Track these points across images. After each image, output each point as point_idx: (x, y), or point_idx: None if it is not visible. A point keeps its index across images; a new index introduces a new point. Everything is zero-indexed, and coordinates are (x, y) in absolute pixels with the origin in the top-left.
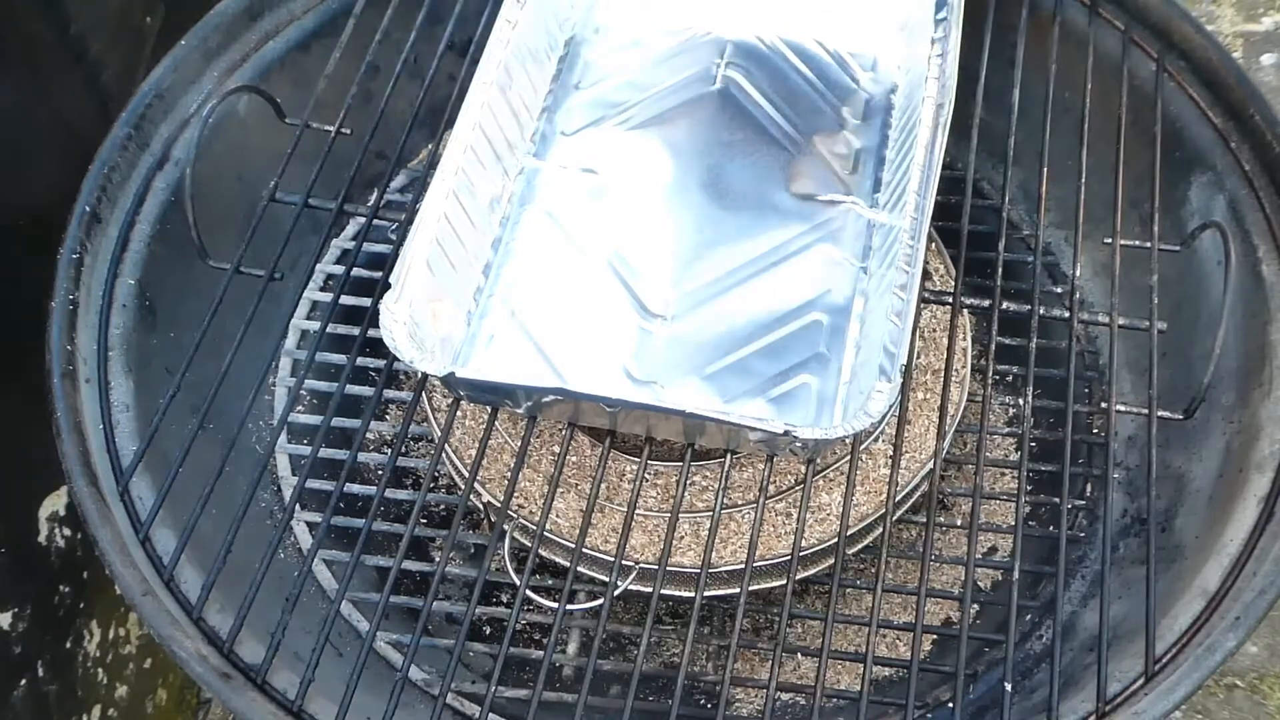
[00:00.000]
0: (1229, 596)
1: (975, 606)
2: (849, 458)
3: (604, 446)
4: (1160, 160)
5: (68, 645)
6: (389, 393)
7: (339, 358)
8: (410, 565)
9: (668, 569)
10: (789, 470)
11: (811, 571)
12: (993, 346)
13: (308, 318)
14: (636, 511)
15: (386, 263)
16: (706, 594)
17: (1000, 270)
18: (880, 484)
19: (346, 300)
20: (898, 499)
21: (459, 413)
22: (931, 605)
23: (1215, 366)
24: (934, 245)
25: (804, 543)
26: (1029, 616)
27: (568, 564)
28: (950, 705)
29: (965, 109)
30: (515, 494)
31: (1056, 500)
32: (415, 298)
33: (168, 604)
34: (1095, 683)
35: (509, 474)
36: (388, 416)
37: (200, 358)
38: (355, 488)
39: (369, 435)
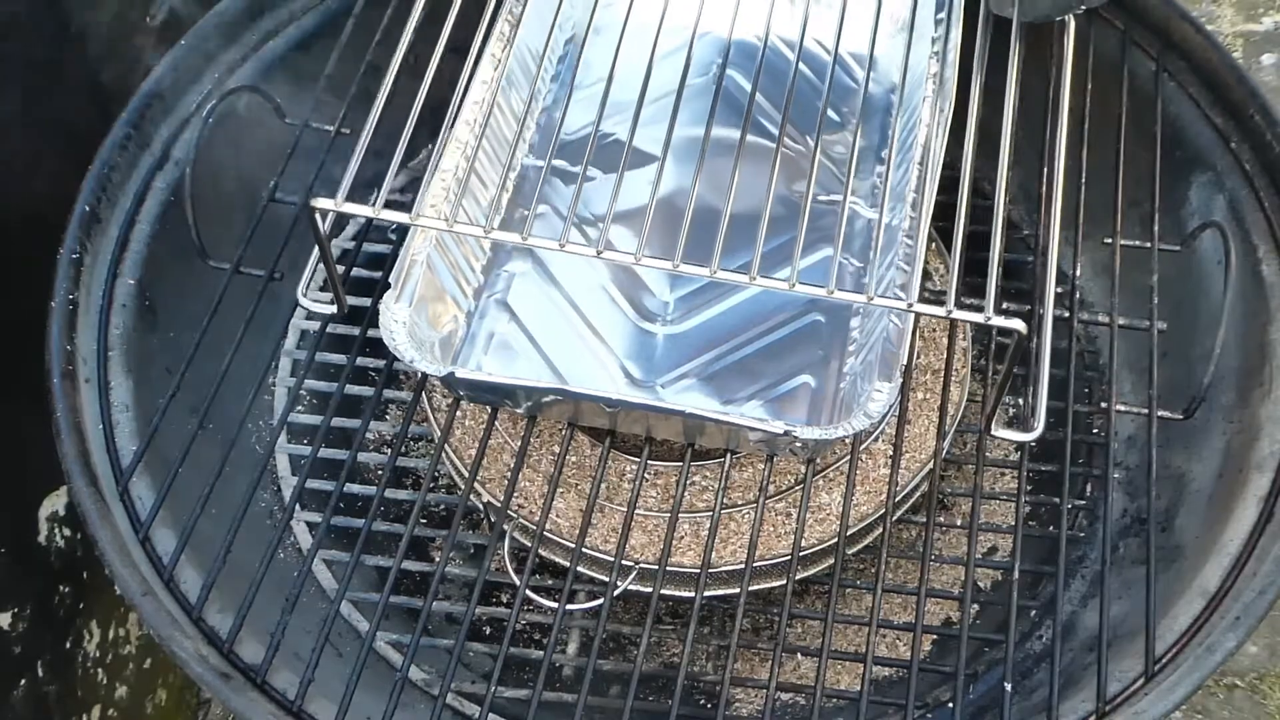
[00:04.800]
0: (1229, 596)
1: (975, 606)
2: (849, 458)
3: (604, 446)
4: (1160, 160)
5: (68, 645)
6: (389, 393)
7: (339, 357)
8: (410, 565)
9: (668, 569)
10: (789, 470)
11: (811, 571)
12: (993, 346)
13: (308, 318)
14: (636, 511)
15: (386, 263)
16: (706, 594)
17: (1000, 270)
18: (880, 484)
19: (347, 300)
20: (898, 499)
21: (459, 413)
22: (931, 605)
23: (1215, 366)
24: (934, 245)
25: (804, 543)
26: (1031, 615)
27: (568, 564)
28: (950, 705)
29: (965, 109)
30: (515, 494)
31: (1056, 500)
32: (415, 298)
33: (168, 604)
34: (1095, 683)
35: (509, 474)
36: (388, 416)
37: (200, 358)
38: (355, 488)
39: (369, 435)
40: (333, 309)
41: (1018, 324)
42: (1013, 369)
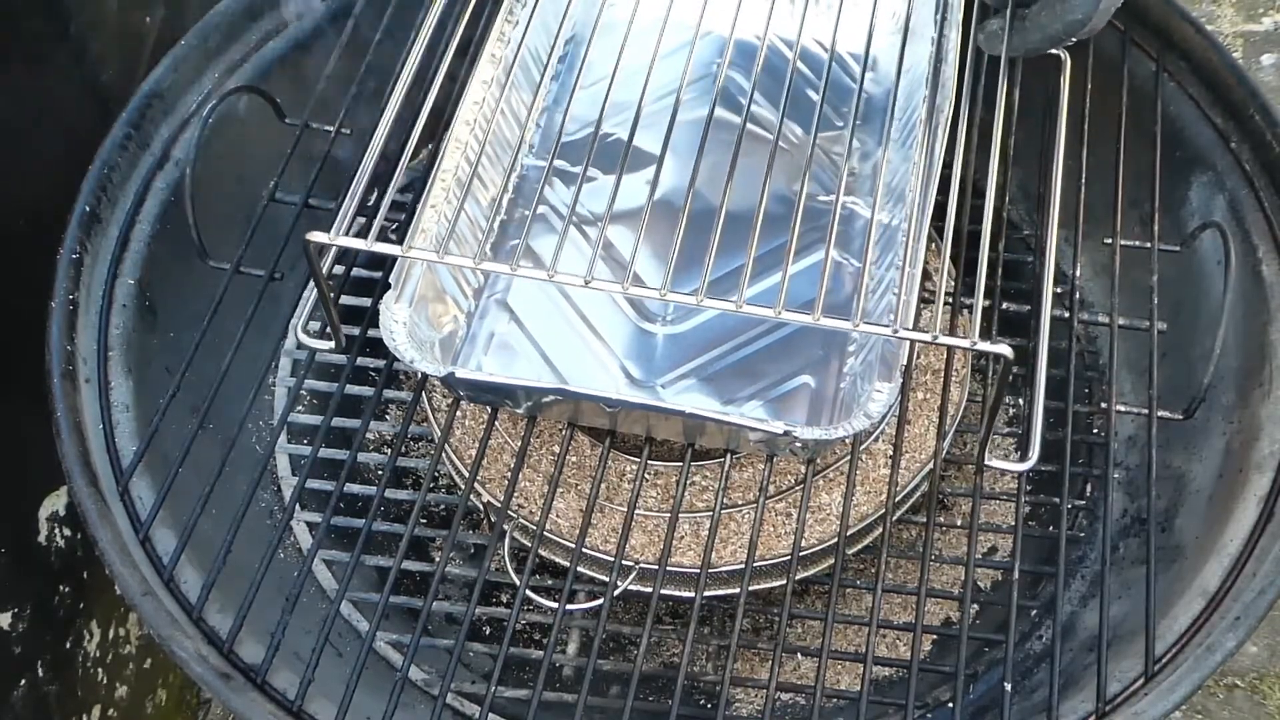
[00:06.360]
0: (1229, 596)
1: (975, 606)
2: (849, 458)
3: (604, 446)
4: (1160, 160)
5: (68, 645)
6: (389, 393)
7: (339, 358)
8: (410, 565)
9: (668, 569)
10: (789, 470)
11: (811, 571)
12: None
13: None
14: (636, 511)
15: (387, 262)
16: (706, 594)
17: (1000, 270)
18: (880, 484)
19: (347, 300)
20: (898, 499)
21: (459, 413)
22: (931, 605)
23: (1215, 366)
24: (934, 245)
25: (804, 543)
26: (1031, 615)
27: (568, 564)
28: (950, 705)
29: (965, 109)
30: (515, 494)
31: (1056, 500)
32: (415, 298)
33: (168, 604)
34: (1095, 683)
35: (509, 474)
36: (388, 416)
37: (200, 358)
38: (355, 488)
39: (369, 435)
40: (329, 345)
41: (1004, 349)
42: (1002, 397)
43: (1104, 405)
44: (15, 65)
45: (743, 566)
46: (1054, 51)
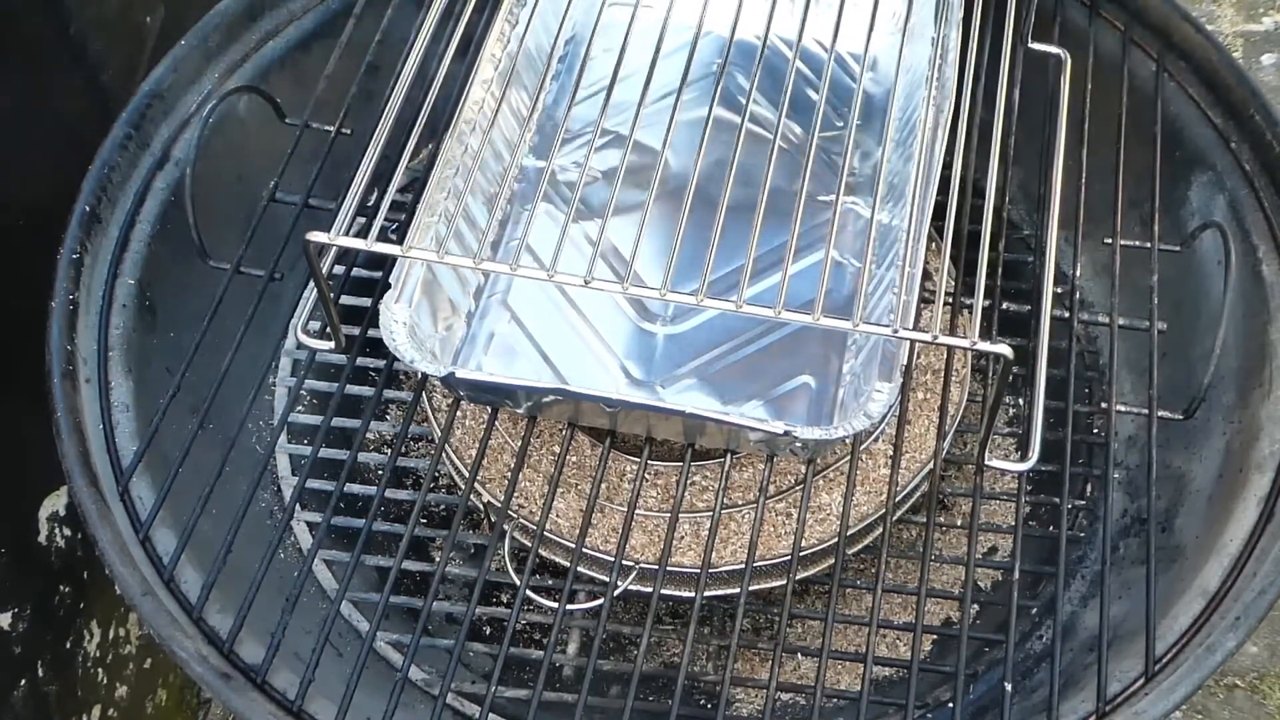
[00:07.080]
0: (1229, 596)
1: (975, 606)
2: (849, 458)
3: (604, 446)
4: (1160, 160)
5: (68, 645)
6: (389, 393)
7: (339, 358)
8: (410, 565)
9: (668, 569)
10: (789, 470)
11: (811, 571)
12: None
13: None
14: (636, 511)
15: (387, 262)
16: (706, 594)
17: (1000, 270)
18: (880, 484)
19: (347, 300)
20: (898, 499)
21: (459, 413)
22: (931, 605)
23: (1215, 366)
24: (934, 245)
25: (804, 543)
26: (1031, 615)
27: (568, 564)
28: (950, 705)
29: (965, 109)
30: (515, 494)
31: (1056, 500)
32: (415, 297)
33: (168, 604)
34: (1095, 683)
35: (509, 474)
36: (388, 416)
37: (200, 358)
38: (355, 488)
39: (369, 435)
40: (329, 345)
41: (1004, 349)
42: (1002, 397)
43: (1104, 405)
44: (15, 65)
45: (743, 566)
46: (1054, 51)
